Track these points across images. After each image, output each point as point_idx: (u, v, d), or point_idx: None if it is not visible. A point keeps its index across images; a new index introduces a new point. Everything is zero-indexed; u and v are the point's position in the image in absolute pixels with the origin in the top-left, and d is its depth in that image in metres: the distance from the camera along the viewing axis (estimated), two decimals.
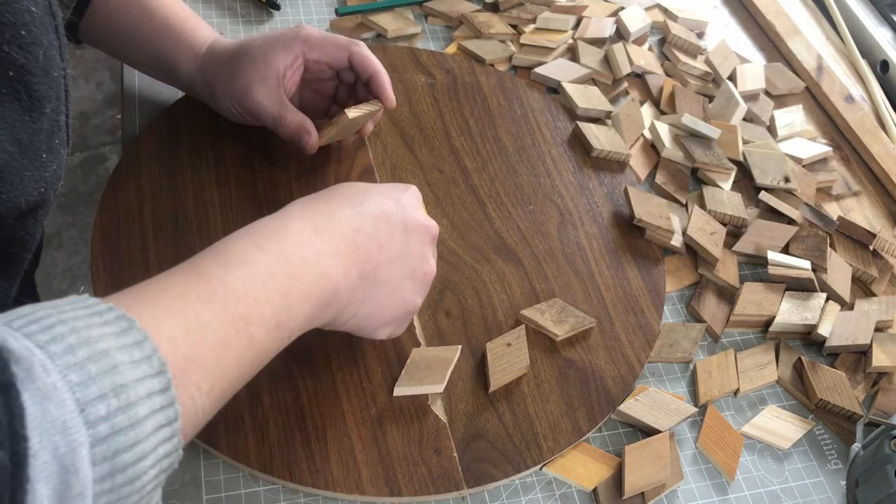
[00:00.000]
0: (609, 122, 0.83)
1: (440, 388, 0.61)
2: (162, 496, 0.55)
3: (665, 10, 0.97)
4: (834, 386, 0.66)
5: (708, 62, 0.91)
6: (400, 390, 0.60)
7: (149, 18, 0.70)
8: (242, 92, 0.68)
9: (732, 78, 0.90)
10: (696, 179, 0.81)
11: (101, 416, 0.33)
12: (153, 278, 0.44)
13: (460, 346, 0.63)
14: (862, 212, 0.82)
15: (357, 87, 0.72)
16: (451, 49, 0.89)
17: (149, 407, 0.35)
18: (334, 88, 0.73)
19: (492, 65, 0.88)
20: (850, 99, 0.91)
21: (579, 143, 0.81)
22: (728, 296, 0.72)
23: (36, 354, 0.32)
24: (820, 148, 0.85)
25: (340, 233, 0.51)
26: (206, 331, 0.42)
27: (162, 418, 0.36)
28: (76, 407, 0.32)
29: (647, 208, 0.74)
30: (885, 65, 0.95)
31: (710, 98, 0.88)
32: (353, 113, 0.67)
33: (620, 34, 0.93)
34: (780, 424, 0.65)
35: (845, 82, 0.93)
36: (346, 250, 0.51)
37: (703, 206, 0.76)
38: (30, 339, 0.33)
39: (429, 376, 0.61)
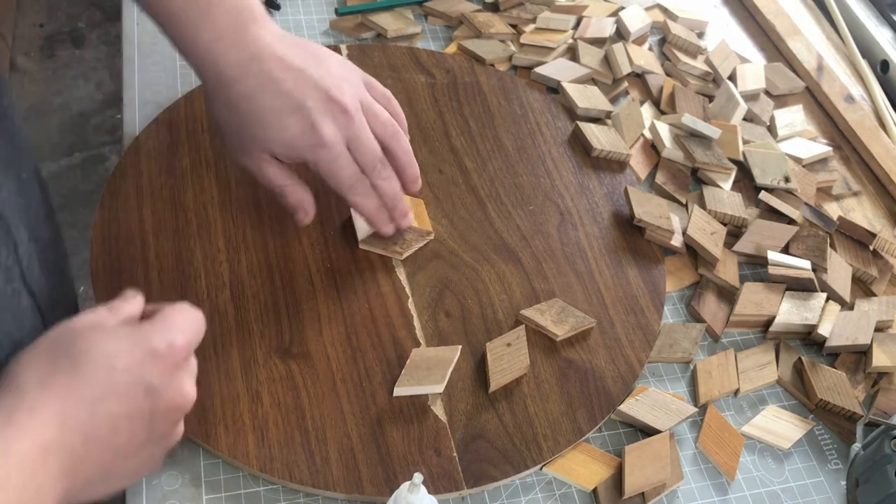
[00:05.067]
0: (609, 122, 0.83)
1: (440, 388, 0.61)
2: (162, 496, 0.55)
3: (665, 10, 0.97)
4: (834, 386, 0.66)
5: (708, 62, 0.91)
6: (400, 390, 0.60)
7: None
8: (235, 153, 0.64)
9: (732, 78, 0.90)
10: (696, 179, 0.81)
11: None
12: None
13: (460, 347, 0.63)
14: (862, 212, 0.82)
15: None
16: (451, 49, 0.89)
17: None
18: None
19: (492, 65, 0.88)
20: (850, 99, 0.91)
21: (579, 143, 0.81)
22: (728, 296, 0.72)
23: None
24: (820, 148, 0.85)
25: (70, 448, 0.42)
26: None
27: None
28: None
29: (648, 208, 0.74)
30: (885, 65, 0.95)
31: (711, 98, 0.88)
32: (406, 253, 0.69)
33: (620, 34, 0.93)
34: (780, 424, 0.65)
35: (845, 82, 0.93)
36: (72, 467, 0.43)
37: (703, 205, 0.76)
38: None
39: (429, 376, 0.61)
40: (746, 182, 0.81)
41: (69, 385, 0.43)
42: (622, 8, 0.95)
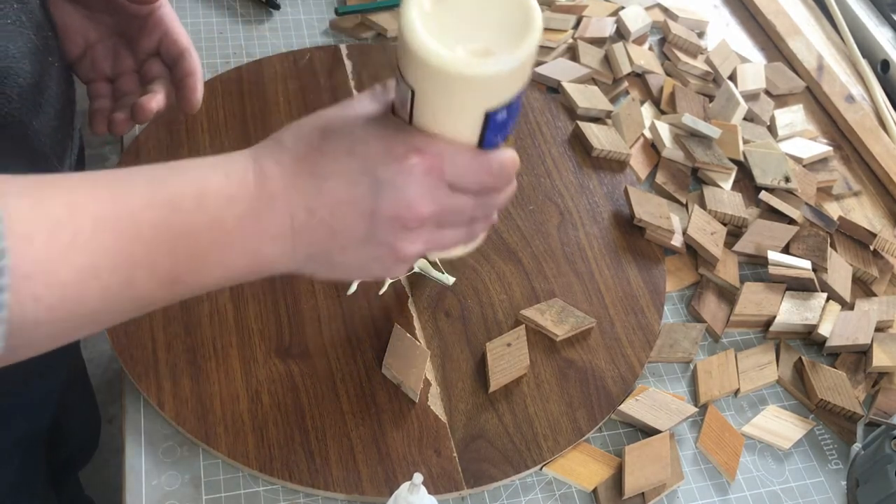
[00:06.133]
0: (609, 121, 0.83)
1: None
2: (162, 495, 0.55)
3: (665, 10, 0.97)
4: (834, 386, 0.66)
5: (708, 62, 0.91)
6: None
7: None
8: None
9: (733, 77, 0.90)
10: (696, 179, 0.81)
11: None
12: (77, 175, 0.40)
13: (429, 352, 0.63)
14: (862, 211, 0.82)
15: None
16: None
17: None
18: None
19: None
20: (850, 98, 0.90)
21: (579, 143, 0.81)
22: (728, 296, 0.72)
23: None
24: (820, 148, 0.85)
25: (291, 212, 0.44)
26: (77, 248, 0.37)
27: None
28: None
29: (648, 208, 0.74)
30: (885, 64, 0.95)
31: (711, 98, 0.88)
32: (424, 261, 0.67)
33: (620, 34, 0.93)
34: (780, 424, 0.65)
35: (846, 82, 0.93)
36: (291, 233, 0.44)
37: (703, 205, 0.76)
38: None
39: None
40: (746, 182, 0.81)
41: (311, 157, 0.44)
42: (622, 8, 0.95)
